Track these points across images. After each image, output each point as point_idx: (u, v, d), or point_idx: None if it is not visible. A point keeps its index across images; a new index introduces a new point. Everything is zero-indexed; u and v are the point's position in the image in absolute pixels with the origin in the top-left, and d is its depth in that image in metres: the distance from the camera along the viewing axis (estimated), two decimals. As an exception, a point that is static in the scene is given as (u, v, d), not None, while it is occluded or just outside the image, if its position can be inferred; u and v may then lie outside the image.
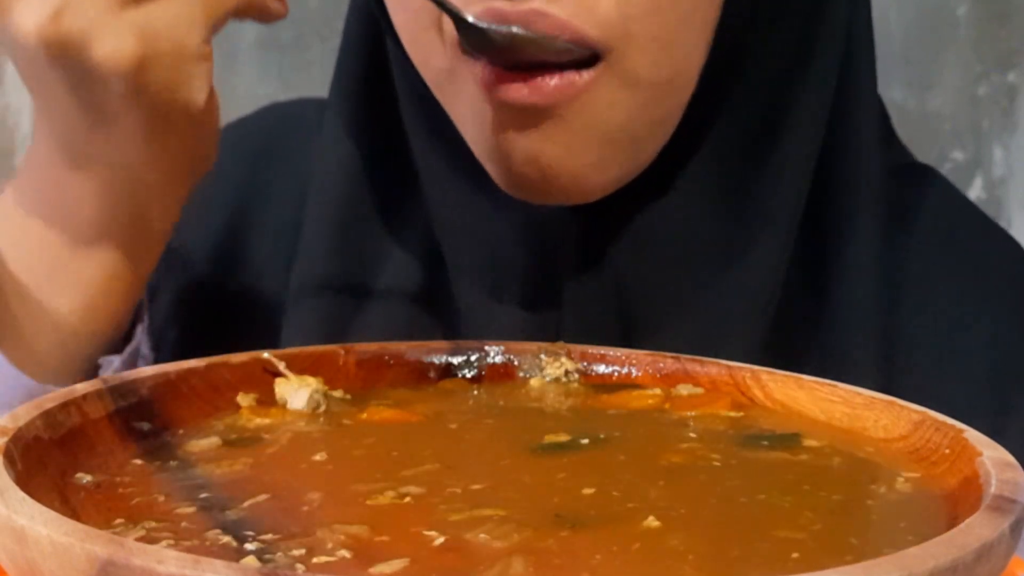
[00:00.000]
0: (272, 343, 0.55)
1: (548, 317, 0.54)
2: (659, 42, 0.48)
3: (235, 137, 0.67)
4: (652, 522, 0.32)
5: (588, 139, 0.49)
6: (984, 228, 0.63)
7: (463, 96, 0.50)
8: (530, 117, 0.48)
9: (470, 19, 0.46)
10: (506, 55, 0.47)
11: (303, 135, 0.64)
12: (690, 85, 0.51)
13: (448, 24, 0.48)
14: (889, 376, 0.55)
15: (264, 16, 0.49)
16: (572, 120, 0.48)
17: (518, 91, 0.47)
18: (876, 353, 0.55)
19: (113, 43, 0.43)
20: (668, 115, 0.51)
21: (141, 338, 0.55)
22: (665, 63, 0.49)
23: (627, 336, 0.53)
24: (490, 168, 0.52)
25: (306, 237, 0.59)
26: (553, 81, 0.47)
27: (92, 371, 0.53)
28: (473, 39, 0.47)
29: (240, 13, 0.47)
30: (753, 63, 0.53)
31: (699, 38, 0.50)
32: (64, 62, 0.44)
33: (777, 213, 0.54)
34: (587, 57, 0.47)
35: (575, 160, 0.49)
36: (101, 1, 0.42)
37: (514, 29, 0.46)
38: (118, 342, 0.54)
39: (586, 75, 0.47)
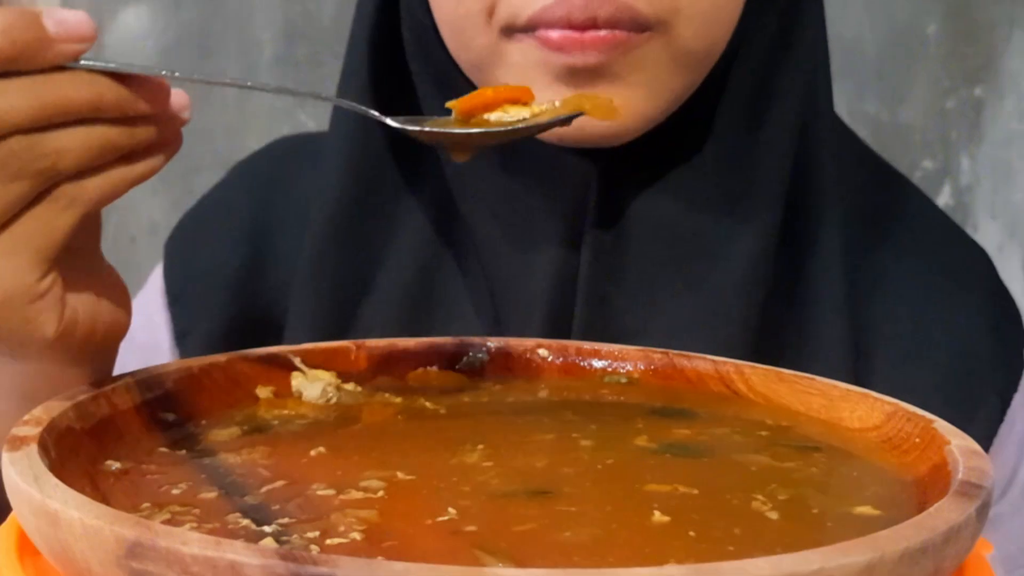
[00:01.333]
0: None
1: (569, 272, 0.55)
2: (705, 17, 0.50)
3: (244, 173, 0.67)
4: (628, 497, 0.32)
5: (636, 91, 0.50)
6: (951, 233, 0.63)
7: (508, 66, 0.51)
8: (584, 73, 0.49)
9: (394, 124, 0.43)
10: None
11: (307, 164, 0.64)
12: (719, 55, 0.53)
13: (498, 9, 0.49)
14: (860, 369, 0.55)
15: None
16: (623, 75, 0.49)
17: (582, 53, 0.48)
18: (848, 347, 0.55)
19: None
20: (699, 79, 0.53)
21: None
22: (707, 36, 0.51)
23: (640, 291, 0.54)
24: None
25: (312, 229, 0.59)
26: (610, 34, 0.48)
27: None
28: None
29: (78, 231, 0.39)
30: (750, 40, 0.54)
31: (734, 15, 0.52)
32: None
33: (769, 182, 0.55)
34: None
35: (623, 109, 0.50)
36: None
37: (425, 127, 0.44)
38: None
39: (641, 36, 0.49)
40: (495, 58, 0.51)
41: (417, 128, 0.42)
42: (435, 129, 0.42)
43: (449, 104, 0.43)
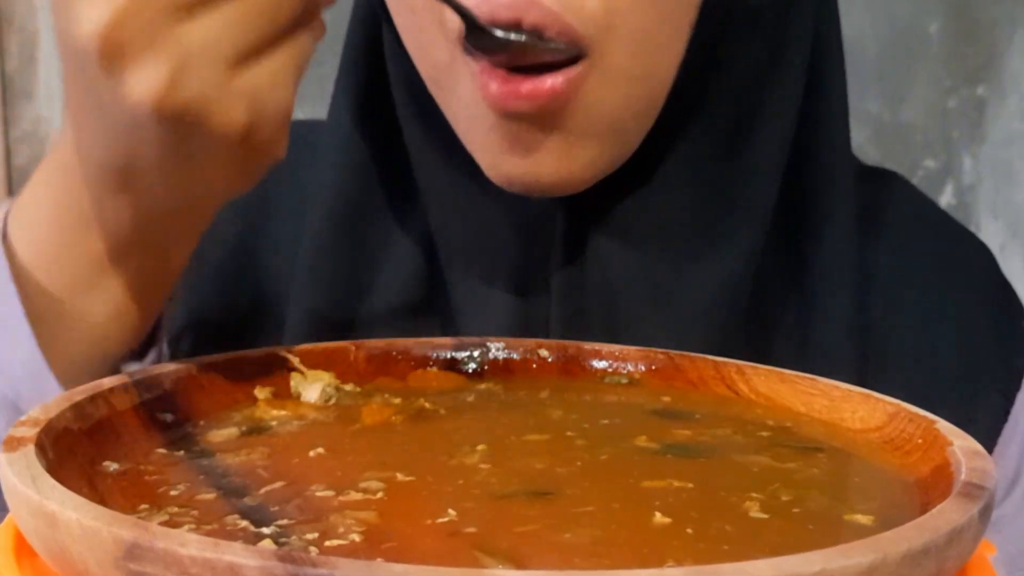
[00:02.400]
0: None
1: (538, 304, 0.54)
2: (640, 37, 0.48)
3: None
4: (629, 499, 0.32)
5: (580, 139, 0.49)
6: (951, 229, 0.63)
7: (459, 93, 0.50)
8: (526, 124, 0.48)
9: (479, 21, 0.46)
10: (508, 57, 0.47)
11: (305, 152, 0.63)
12: (668, 80, 0.51)
13: (451, 20, 0.47)
14: (864, 369, 0.55)
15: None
16: (566, 121, 0.48)
17: (517, 103, 0.47)
18: (852, 348, 0.55)
19: (227, 113, 0.39)
20: (649, 108, 0.51)
21: (163, 347, 0.55)
22: (645, 58, 0.49)
23: (611, 324, 0.53)
24: (482, 163, 0.51)
25: (308, 234, 0.58)
26: (548, 82, 0.47)
27: (116, 373, 0.52)
28: (478, 40, 0.47)
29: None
30: (729, 64, 0.53)
31: (677, 35, 0.50)
32: (174, 128, 0.40)
33: (751, 206, 0.54)
34: (573, 56, 0.47)
35: (569, 160, 0.49)
36: (213, 68, 0.38)
37: (512, 36, 0.46)
38: (140, 348, 0.53)
39: (575, 70, 0.47)
40: (448, 77, 0.50)
41: None
42: None
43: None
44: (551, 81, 0.47)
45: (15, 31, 1.26)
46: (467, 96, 0.49)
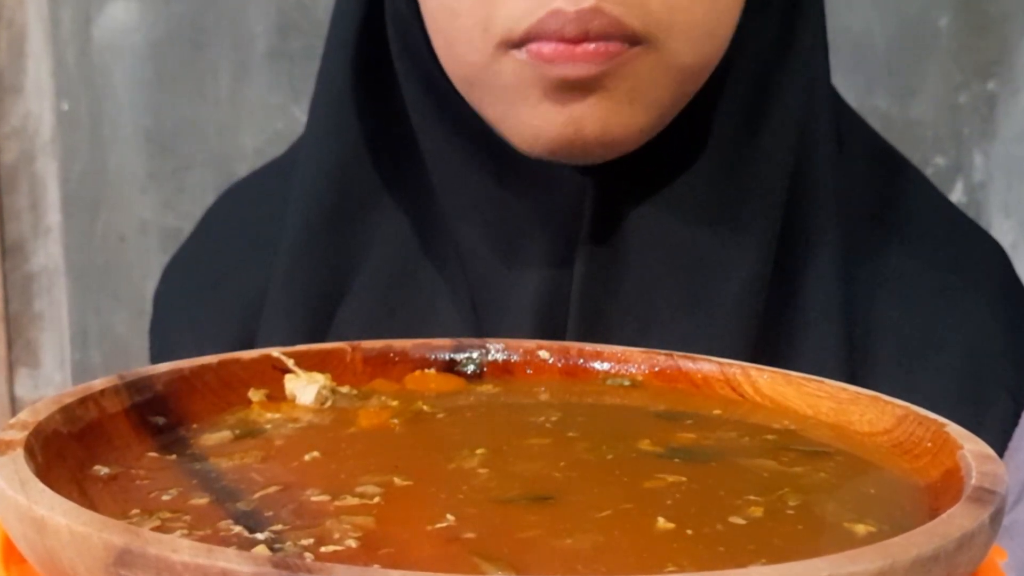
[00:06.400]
0: None
1: (561, 286, 0.55)
2: (701, 31, 0.50)
3: (216, 241, 0.66)
4: (632, 503, 0.32)
5: (628, 106, 0.50)
6: (961, 226, 0.63)
7: (501, 83, 0.51)
8: (576, 87, 0.49)
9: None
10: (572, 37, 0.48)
11: (265, 210, 0.63)
12: (714, 65, 0.53)
13: (496, 25, 0.49)
14: (864, 366, 0.55)
15: None
16: (614, 89, 0.49)
17: (574, 68, 0.48)
18: (838, 358, 0.55)
19: None
20: (694, 90, 0.53)
21: None
22: (701, 51, 0.51)
23: (635, 306, 0.54)
24: (522, 135, 0.52)
25: (288, 234, 0.58)
26: (601, 47, 0.48)
27: None
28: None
29: None
30: (745, 47, 0.54)
31: (730, 27, 0.52)
32: None
33: (768, 192, 0.55)
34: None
35: (614, 123, 0.50)
36: None
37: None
38: None
39: (633, 50, 0.48)
40: (488, 76, 0.51)
41: None
42: None
43: None
44: (605, 45, 0.48)
45: (3, 25, 1.27)
46: (510, 85, 0.50)
